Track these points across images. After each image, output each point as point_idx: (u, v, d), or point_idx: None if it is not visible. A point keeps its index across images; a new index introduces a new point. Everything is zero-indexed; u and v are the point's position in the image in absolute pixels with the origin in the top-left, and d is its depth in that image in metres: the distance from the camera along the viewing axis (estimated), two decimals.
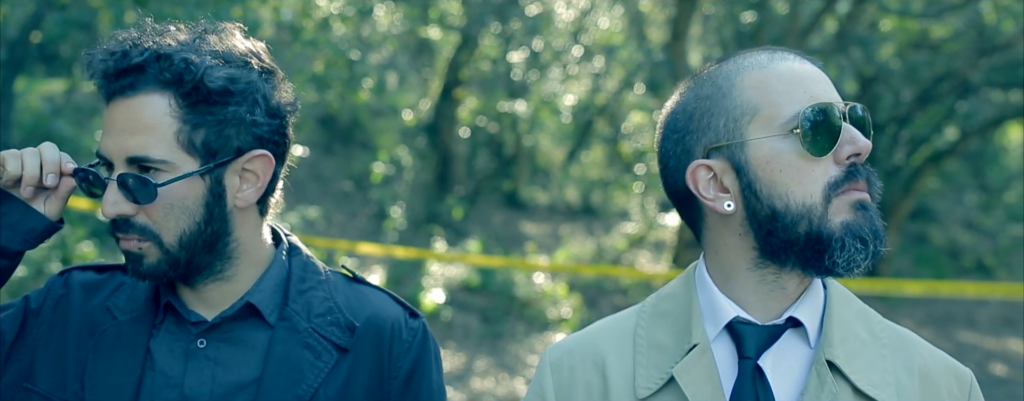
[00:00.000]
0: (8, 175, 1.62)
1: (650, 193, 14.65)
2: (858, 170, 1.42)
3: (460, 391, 8.09)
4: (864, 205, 1.42)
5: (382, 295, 1.84)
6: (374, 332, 1.76)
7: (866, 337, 1.50)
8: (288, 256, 1.79)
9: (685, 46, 11.01)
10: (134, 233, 1.62)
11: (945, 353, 1.57)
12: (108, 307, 1.73)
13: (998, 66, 12.53)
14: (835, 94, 1.46)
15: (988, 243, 16.25)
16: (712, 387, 1.46)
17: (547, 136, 16.26)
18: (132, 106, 1.58)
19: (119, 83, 1.59)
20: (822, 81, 1.46)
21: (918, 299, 12.48)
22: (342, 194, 12.79)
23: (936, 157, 14.25)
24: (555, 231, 14.13)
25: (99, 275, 1.79)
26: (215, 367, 1.68)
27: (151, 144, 1.58)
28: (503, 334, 9.71)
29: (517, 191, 15.21)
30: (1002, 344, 11.27)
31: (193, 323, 1.71)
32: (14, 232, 1.64)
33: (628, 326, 1.59)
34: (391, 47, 13.62)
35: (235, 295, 1.72)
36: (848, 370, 1.44)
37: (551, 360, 1.63)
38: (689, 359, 1.49)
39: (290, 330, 1.71)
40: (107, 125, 1.61)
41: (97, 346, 1.69)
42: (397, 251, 9.61)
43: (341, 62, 8.51)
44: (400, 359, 1.78)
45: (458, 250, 11.58)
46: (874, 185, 1.44)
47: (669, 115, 1.56)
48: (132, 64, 1.58)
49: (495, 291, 10.50)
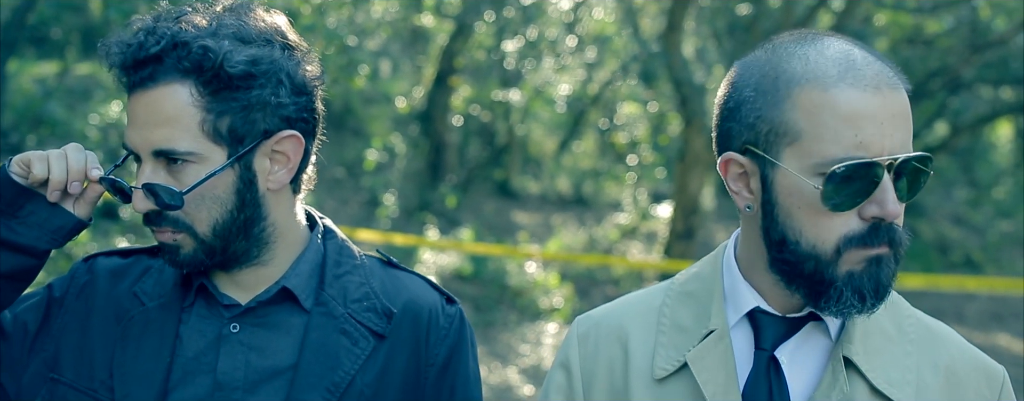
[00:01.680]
0: (34, 177, 1.59)
1: (642, 184, 14.67)
2: (880, 230, 1.35)
3: None
4: (880, 259, 1.36)
5: (418, 280, 1.80)
6: (411, 318, 1.72)
7: (892, 332, 1.47)
8: (323, 239, 1.75)
9: (679, 37, 11.01)
10: (167, 226, 1.59)
11: (979, 351, 1.51)
12: (135, 293, 1.69)
13: (990, 62, 12.58)
14: (897, 135, 1.33)
15: (977, 239, 16.32)
16: (726, 375, 1.45)
17: (540, 125, 16.25)
18: (153, 98, 1.54)
19: (138, 75, 1.55)
20: (884, 121, 1.33)
21: (906, 293, 12.50)
22: (334, 181, 12.77)
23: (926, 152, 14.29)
24: (547, 221, 14.14)
25: (124, 260, 1.75)
26: (249, 352, 1.65)
27: (176, 136, 1.54)
28: (495, 323, 9.72)
29: (509, 180, 15.21)
30: (990, 339, 11.33)
31: (226, 306, 1.67)
32: (42, 231, 1.61)
33: (655, 304, 1.57)
34: (385, 34, 13.58)
35: (271, 278, 1.68)
36: (865, 367, 1.41)
37: (579, 332, 1.61)
38: (704, 345, 1.47)
39: (326, 315, 1.67)
40: (131, 118, 1.57)
41: (125, 333, 1.66)
42: (392, 238, 9.61)
43: (337, 48, 8.47)
44: (437, 346, 1.73)
45: (450, 238, 11.58)
46: (898, 245, 1.36)
47: (731, 85, 1.45)
48: (149, 54, 1.53)
49: (487, 280, 10.50)
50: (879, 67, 1.36)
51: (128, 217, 8.51)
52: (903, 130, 1.34)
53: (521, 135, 15.56)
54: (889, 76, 1.36)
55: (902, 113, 1.34)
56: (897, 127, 1.34)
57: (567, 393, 1.58)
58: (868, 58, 1.37)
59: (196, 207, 1.57)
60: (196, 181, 1.56)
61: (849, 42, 1.40)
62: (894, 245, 1.36)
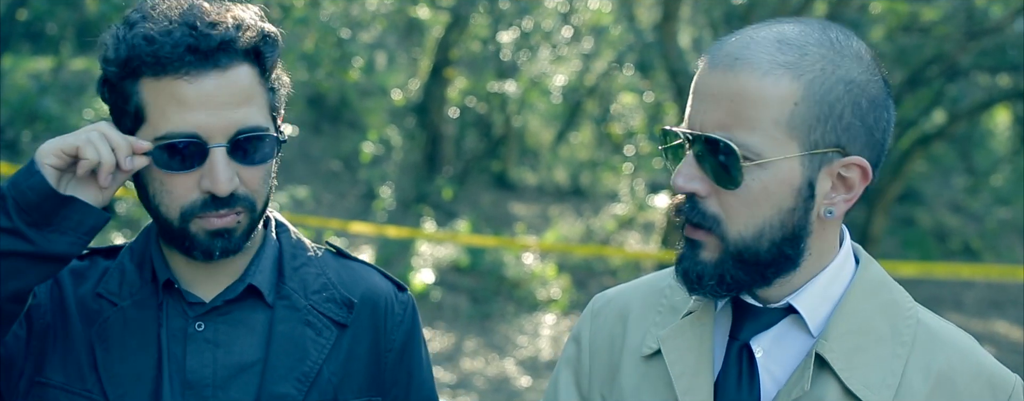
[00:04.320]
0: (85, 165, 1.50)
1: (639, 174, 14.65)
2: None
3: (450, 371, 8.09)
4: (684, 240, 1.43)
5: (370, 270, 1.85)
6: (370, 307, 1.78)
7: (884, 332, 1.41)
8: (277, 233, 1.78)
9: (675, 27, 10.99)
10: (239, 205, 1.60)
11: (991, 358, 1.44)
12: (100, 293, 1.68)
13: (987, 49, 12.54)
14: (709, 114, 1.35)
15: (975, 226, 16.32)
16: (696, 359, 1.43)
17: (536, 117, 16.21)
18: (229, 79, 1.55)
19: (212, 57, 1.54)
20: (700, 97, 1.37)
21: (905, 281, 12.50)
22: (331, 174, 12.75)
23: (924, 140, 14.27)
24: (544, 212, 14.12)
25: (81, 262, 1.74)
26: (216, 349, 1.67)
27: (254, 114, 1.59)
28: (492, 314, 9.72)
29: (506, 172, 15.18)
30: (989, 327, 11.33)
31: (190, 304, 1.68)
32: (77, 235, 1.52)
33: (662, 285, 1.58)
34: (380, 26, 13.55)
35: (234, 272, 1.70)
36: (839, 366, 1.37)
37: (593, 308, 1.65)
38: (679, 326, 1.47)
39: (290, 308, 1.71)
40: (197, 102, 1.54)
41: (102, 335, 1.65)
42: (389, 231, 9.59)
43: (330, 41, 8.45)
44: (394, 332, 1.80)
45: (447, 230, 11.57)
46: (688, 222, 1.41)
47: None
48: (224, 38, 1.55)
49: (484, 271, 10.50)
50: (747, 50, 1.34)
51: (124, 212, 8.49)
52: (716, 111, 1.34)
53: (518, 126, 15.53)
54: (736, 58, 1.34)
55: (723, 95, 1.34)
56: (708, 106, 1.35)
57: (576, 365, 1.62)
58: (756, 40, 1.35)
59: (263, 183, 1.63)
60: (270, 157, 1.63)
61: (802, 27, 1.37)
62: (687, 222, 1.40)
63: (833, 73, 1.34)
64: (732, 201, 1.36)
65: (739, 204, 1.35)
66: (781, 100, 1.32)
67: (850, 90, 1.34)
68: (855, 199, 1.39)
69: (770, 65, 1.33)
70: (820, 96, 1.33)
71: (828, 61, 1.34)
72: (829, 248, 1.44)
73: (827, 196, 1.38)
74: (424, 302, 9.52)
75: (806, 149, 1.34)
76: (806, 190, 1.36)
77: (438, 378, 7.89)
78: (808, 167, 1.35)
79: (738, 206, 1.35)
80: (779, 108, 1.32)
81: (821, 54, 1.34)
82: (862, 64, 1.37)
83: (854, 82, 1.35)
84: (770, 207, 1.35)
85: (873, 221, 13.94)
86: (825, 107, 1.33)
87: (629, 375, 1.51)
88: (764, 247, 1.36)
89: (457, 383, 7.87)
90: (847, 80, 1.34)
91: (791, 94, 1.32)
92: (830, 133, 1.34)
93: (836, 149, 1.35)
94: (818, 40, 1.35)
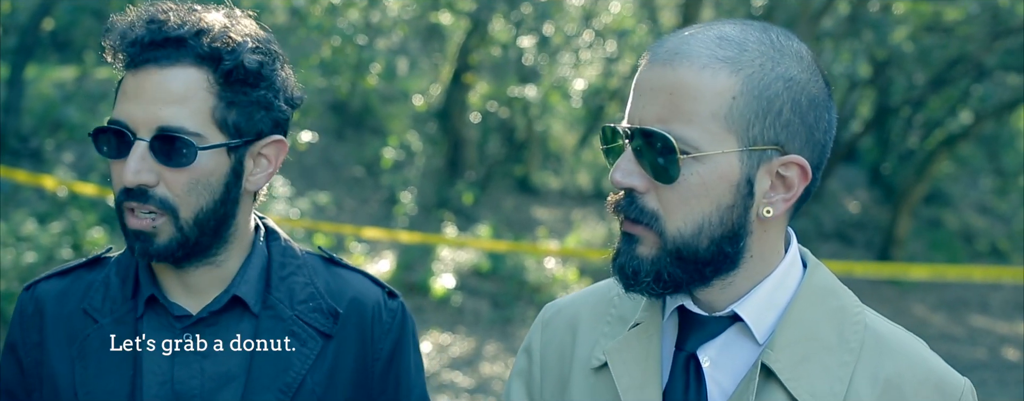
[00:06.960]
0: None
1: None
2: (617, 202, 1.41)
3: (469, 376, 8.10)
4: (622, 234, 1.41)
5: (360, 277, 1.85)
6: (356, 316, 1.77)
7: (831, 340, 1.39)
8: (267, 241, 1.78)
9: None
10: (152, 204, 1.59)
11: (941, 362, 1.42)
12: (85, 309, 1.71)
13: (1012, 49, 12.41)
14: (647, 108, 1.35)
15: (1002, 227, 16.15)
16: (643, 372, 1.41)
17: (558, 121, 16.20)
18: (168, 76, 1.57)
19: (156, 52, 1.57)
20: (641, 92, 1.37)
21: (931, 284, 12.41)
22: (353, 180, 12.79)
23: (950, 141, 14.16)
24: (567, 216, 14.11)
25: (64, 280, 1.77)
26: (203, 360, 1.68)
27: (185, 116, 1.57)
28: (513, 319, 9.71)
29: (528, 176, 15.18)
30: (1014, 328, 11.21)
31: (177, 317, 1.69)
32: None
33: (610, 294, 1.56)
34: (401, 32, 13.58)
35: (221, 281, 1.71)
36: (786, 376, 1.35)
37: (543, 319, 1.63)
38: (625, 338, 1.45)
39: (275, 319, 1.71)
40: (133, 93, 1.58)
41: (82, 353, 1.68)
42: (401, 235, 9.61)
43: (349, 48, 8.49)
44: (381, 341, 1.79)
45: (469, 235, 11.58)
46: (627, 219, 1.39)
47: None
48: (172, 35, 1.57)
49: (505, 276, 10.49)
50: (686, 45, 1.34)
51: None
52: (654, 104, 1.33)
53: (540, 131, 15.53)
54: (676, 53, 1.34)
55: (662, 88, 1.33)
56: (647, 101, 1.34)
57: (527, 377, 1.60)
58: (697, 37, 1.35)
59: (188, 189, 1.59)
60: (187, 163, 1.58)
61: (742, 26, 1.37)
62: (625, 218, 1.38)
63: (772, 70, 1.33)
64: (670, 196, 1.34)
65: (677, 199, 1.34)
66: (719, 93, 1.31)
67: (790, 87, 1.33)
68: (794, 199, 1.37)
69: (709, 59, 1.32)
70: (759, 91, 1.32)
71: (767, 58, 1.34)
72: (772, 252, 1.41)
73: (766, 195, 1.36)
74: (445, 307, 9.53)
75: (744, 145, 1.32)
76: (745, 187, 1.34)
77: (457, 383, 7.90)
78: (747, 164, 1.33)
79: (676, 201, 1.34)
80: (717, 101, 1.31)
81: (761, 51, 1.34)
82: (802, 63, 1.36)
83: (794, 80, 1.34)
84: (709, 203, 1.33)
85: (898, 223, 13.83)
86: (764, 103, 1.32)
87: (579, 388, 1.49)
88: (703, 245, 1.35)
89: (476, 388, 7.87)
90: (787, 77, 1.33)
91: (729, 88, 1.31)
92: (769, 129, 1.33)
93: (775, 146, 1.34)
94: (758, 38, 1.35)
